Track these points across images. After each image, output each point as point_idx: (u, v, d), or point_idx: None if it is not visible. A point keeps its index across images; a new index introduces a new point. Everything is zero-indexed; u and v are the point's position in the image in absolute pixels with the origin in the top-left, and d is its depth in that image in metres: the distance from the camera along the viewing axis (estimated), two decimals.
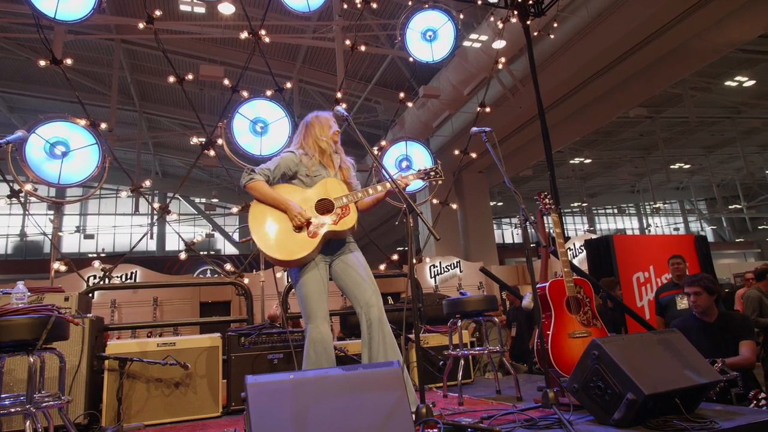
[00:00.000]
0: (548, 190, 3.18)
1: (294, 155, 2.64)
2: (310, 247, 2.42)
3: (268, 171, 2.56)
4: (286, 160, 2.62)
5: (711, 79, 12.31)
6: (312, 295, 2.46)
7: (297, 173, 2.62)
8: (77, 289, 3.37)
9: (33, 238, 19.02)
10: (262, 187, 2.50)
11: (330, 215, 2.50)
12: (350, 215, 2.52)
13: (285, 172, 2.61)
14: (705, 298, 3.16)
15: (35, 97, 13.17)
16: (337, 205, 2.52)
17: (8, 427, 2.62)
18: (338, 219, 2.50)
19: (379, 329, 2.46)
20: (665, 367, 2.16)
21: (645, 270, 5.82)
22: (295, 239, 2.44)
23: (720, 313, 3.21)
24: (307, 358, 2.46)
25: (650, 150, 17.51)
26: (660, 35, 8.11)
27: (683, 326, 3.13)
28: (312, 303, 2.46)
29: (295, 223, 2.45)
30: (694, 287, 3.19)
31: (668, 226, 26.77)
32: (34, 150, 3.80)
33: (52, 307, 2.23)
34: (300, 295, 2.49)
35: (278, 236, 2.44)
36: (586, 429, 2.08)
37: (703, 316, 3.19)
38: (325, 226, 2.47)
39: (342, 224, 2.49)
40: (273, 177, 2.57)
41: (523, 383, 3.49)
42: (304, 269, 2.48)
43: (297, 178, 2.63)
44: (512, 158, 12.59)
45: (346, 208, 2.53)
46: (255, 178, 2.51)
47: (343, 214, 2.51)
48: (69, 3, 4.06)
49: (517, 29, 6.83)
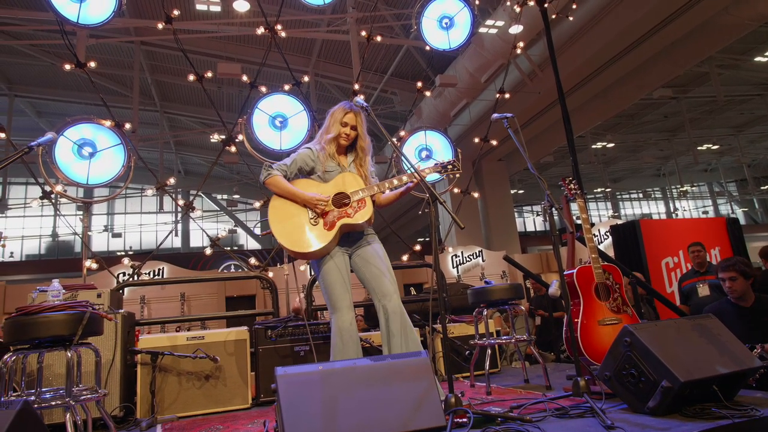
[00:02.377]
0: (571, 176, 3.11)
1: (311, 151, 2.68)
2: (326, 239, 2.48)
3: (285, 167, 2.62)
4: (302, 155, 2.67)
5: (739, 56, 11.86)
6: (335, 285, 2.50)
7: (314, 169, 2.67)
8: (108, 286, 3.46)
9: (64, 237, 19.59)
10: (279, 181, 2.56)
11: (346, 208, 2.54)
12: (366, 208, 2.56)
13: (302, 167, 2.66)
14: (741, 283, 3.07)
15: (61, 101, 13.52)
16: (354, 198, 2.56)
17: (49, 420, 2.71)
18: (354, 212, 2.54)
19: (398, 322, 2.45)
20: (701, 353, 2.10)
21: (674, 255, 5.68)
22: (312, 232, 2.49)
23: (756, 297, 3.11)
24: (335, 347, 2.49)
25: (676, 132, 17.03)
26: (684, 11, 7.83)
27: (718, 311, 3.04)
28: (336, 293, 2.49)
29: (318, 210, 2.51)
30: (729, 272, 3.08)
31: (696, 209, 26.06)
32: (63, 152, 3.89)
33: (86, 304, 2.29)
34: (324, 286, 2.54)
35: (296, 229, 2.50)
36: (620, 417, 2.04)
37: (739, 301, 3.10)
38: (342, 219, 2.51)
39: (358, 217, 2.53)
40: (290, 172, 2.63)
41: (552, 372, 3.45)
42: (325, 260, 2.53)
43: (315, 173, 2.67)
44: (533, 145, 12.40)
45: (362, 201, 2.56)
46: (272, 173, 2.58)
47: (359, 207, 2.55)
48: (90, 7, 4.13)
49: (534, 13, 6.68)
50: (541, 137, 12.28)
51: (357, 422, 1.78)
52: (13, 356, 2.15)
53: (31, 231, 19.56)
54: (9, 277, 15.50)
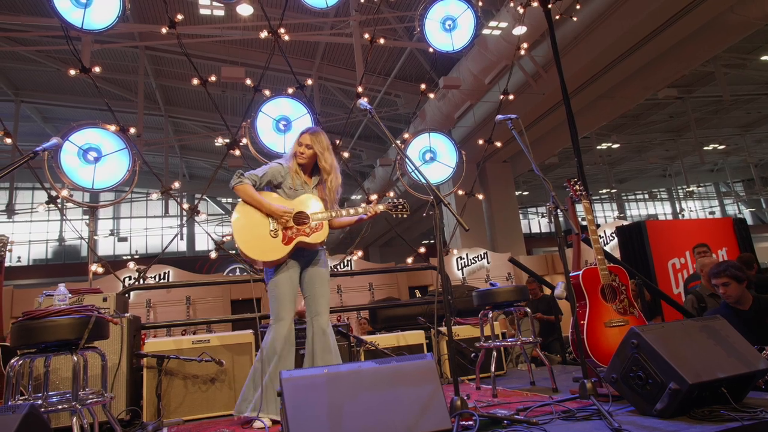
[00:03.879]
0: (576, 177, 3.09)
1: (281, 167, 2.84)
2: (281, 252, 2.66)
3: (256, 177, 2.77)
4: (273, 170, 2.82)
5: (745, 55, 11.78)
6: (284, 297, 2.69)
7: (282, 184, 2.82)
8: (114, 290, 3.47)
9: (71, 242, 19.71)
10: (248, 189, 2.71)
11: (304, 227, 2.73)
12: (322, 230, 2.76)
13: (271, 180, 2.81)
14: (735, 287, 3.04)
15: (67, 107, 13.61)
16: (312, 219, 2.75)
17: (56, 423, 2.72)
18: (311, 232, 2.74)
19: (320, 342, 2.72)
20: (710, 355, 2.08)
21: (681, 256, 5.63)
22: (269, 243, 2.66)
23: (754, 298, 3.08)
24: (272, 353, 2.61)
25: (681, 132, 16.92)
26: (690, 11, 7.79)
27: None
28: (283, 303, 2.68)
29: (282, 222, 2.69)
30: (721, 278, 3.06)
31: (703, 209, 25.88)
32: (69, 157, 3.92)
33: (92, 308, 2.30)
34: (272, 294, 2.71)
35: (256, 237, 2.66)
36: (627, 420, 2.02)
37: (737, 305, 3.07)
38: (299, 237, 2.70)
39: (314, 238, 2.74)
40: (260, 183, 2.77)
41: (558, 374, 3.43)
42: (279, 271, 2.71)
43: (281, 189, 2.82)
44: (537, 146, 12.34)
45: (320, 224, 2.76)
46: (243, 181, 2.71)
47: (316, 229, 2.75)
48: (94, 13, 4.16)
49: (538, 14, 6.67)
50: (545, 138, 12.24)
51: (362, 426, 1.77)
52: (20, 360, 2.16)
53: (38, 236, 19.70)
54: (17, 281, 15.60)
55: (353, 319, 7.61)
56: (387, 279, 9.76)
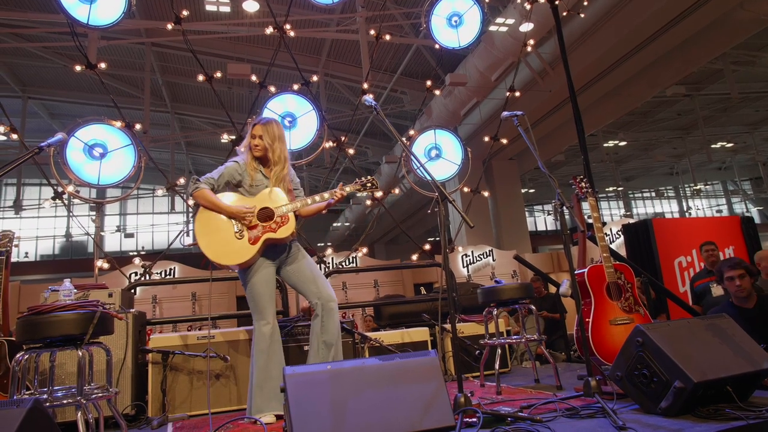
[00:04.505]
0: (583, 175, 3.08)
1: (238, 165, 2.77)
2: (250, 252, 2.60)
3: (213, 180, 2.71)
4: (229, 169, 2.75)
5: (755, 52, 11.65)
6: (263, 296, 2.64)
7: (241, 182, 2.75)
8: (120, 286, 3.49)
9: (77, 238, 19.85)
10: (206, 194, 2.63)
11: (270, 223, 2.65)
12: (289, 223, 2.67)
13: (229, 180, 2.75)
14: (748, 281, 3.04)
15: (74, 103, 13.69)
16: (278, 213, 2.68)
17: (61, 418, 2.75)
18: (278, 227, 2.65)
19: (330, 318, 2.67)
20: (715, 353, 2.06)
21: (687, 254, 5.59)
22: (236, 245, 2.60)
23: (758, 296, 3.06)
24: (260, 352, 2.60)
25: (689, 129, 16.78)
26: (698, 7, 7.71)
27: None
28: (263, 303, 2.64)
29: (245, 222, 2.62)
30: (738, 270, 3.03)
31: (710, 208, 25.68)
32: (74, 153, 3.94)
33: (97, 303, 2.31)
34: (251, 296, 2.66)
35: (221, 242, 2.61)
36: (631, 418, 2.01)
37: (743, 302, 3.04)
38: (266, 234, 2.62)
39: (281, 232, 2.65)
40: (217, 185, 2.71)
41: (562, 372, 3.42)
42: (252, 271, 2.65)
43: (242, 187, 2.75)
44: (544, 143, 12.29)
45: (285, 217, 2.68)
46: (200, 186, 2.64)
47: (282, 223, 2.66)
48: (100, 9, 4.17)
49: (545, 10, 6.63)
50: (552, 136, 12.18)
51: (365, 422, 1.77)
52: (26, 355, 2.18)
53: (45, 231, 19.85)
54: (24, 277, 15.73)
55: (358, 316, 7.62)
56: (392, 276, 9.77)
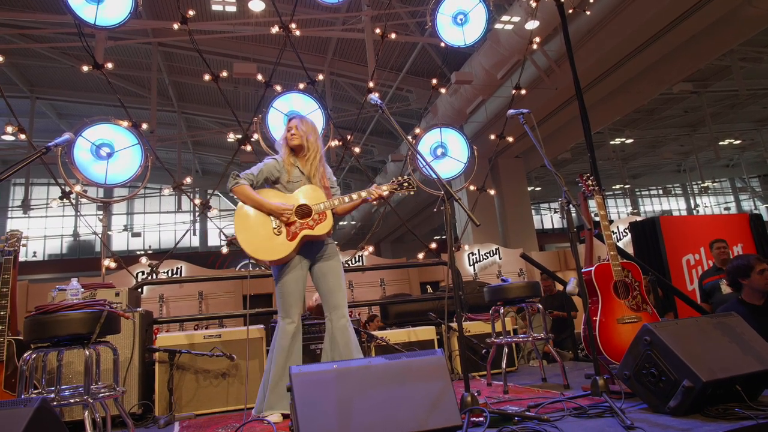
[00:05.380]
0: (590, 173, 3.06)
1: (276, 162, 2.81)
2: (287, 249, 2.62)
3: (252, 176, 2.75)
4: (268, 166, 2.79)
5: (762, 48, 11.53)
6: (292, 293, 2.67)
7: (279, 179, 2.79)
8: (127, 285, 3.51)
9: (85, 237, 19.99)
10: (246, 190, 2.69)
11: (308, 220, 2.68)
12: (327, 220, 2.70)
13: (268, 176, 2.79)
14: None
15: (81, 103, 13.78)
16: (315, 211, 2.70)
17: (69, 417, 2.76)
18: (315, 224, 2.68)
19: (342, 335, 2.68)
20: (724, 352, 2.04)
21: (695, 252, 5.55)
22: (274, 241, 2.63)
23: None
24: (281, 349, 2.61)
25: (696, 127, 16.65)
26: (706, 3, 7.63)
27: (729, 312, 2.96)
28: (290, 301, 2.67)
29: (283, 219, 2.65)
30: (763, 264, 3.00)
31: (718, 205, 25.48)
32: (82, 152, 3.96)
33: (104, 302, 2.32)
34: (280, 292, 2.69)
35: (260, 237, 2.63)
36: (640, 417, 2.00)
37: (753, 300, 3.01)
38: (304, 230, 2.66)
39: (319, 229, 2.68)
40: (256, 181, 2.75)
41: (570, 371, 3.40)
42: (285, 269, 2.68)
43: (280, 183, 2.79)
44: (550, 141, 12.24)
45: (323, 214, 2.70)
46: (239, 182, 2.69)
47: (320, 220, 2.69)
48: (107, 9, 4.18)
49: (550, 8, 6.59)
50: (558, 134, 12.13)
51: (371, 421, 1.77)
52: (33, 354, 2.19)
53: (53, 231, 20.02)
54: (32, 276, 15.86)
55: (364, 315, 7.62)
56: (398, 274, 9.76)
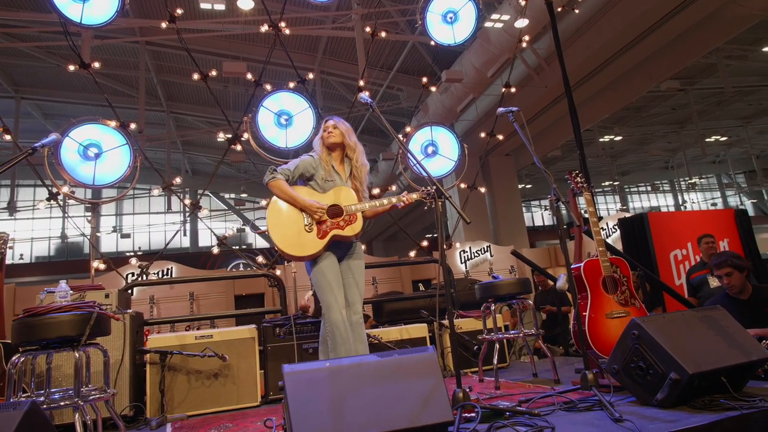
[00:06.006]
0: (579, 170, 3.09)
1: (313, 159, 2.84)
2: (317, 246, 2.66)
3: (288, 171, 2.77)
4: (305, 162, 2.81)
5: (747, 46, 11.69)
6: (330, 283, 2.68)
7: (314, 176, 2.81)
8: (117, 287, 3.48)
9: (73, 239, 19.77)
10: (282, 185, 2.71)
11: (338, 220, 2.71)
12: (357, 222, 2.74)
13: (303, 173, 2.80)
14: (737, 277, 3.07)
15: (68, 103, 13.61)
16: (347, 212, 2.73)
17: (59, 420, 2.74)
18: (345, 225, 2.72)
19: (353, 331, 2.71)
20: (710, 345, 2.08)
21: (683, 247, 5.62)
22: (305, 238, 2.66)
23: (753, 288, 3.09)
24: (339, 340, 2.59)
25: (684, 124, 16.85)
26: (692, 2, 7.73)
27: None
28: (330, 291, 2.67)
29: (315, 217, 2.67)
30: (724, 269, 3.08)
31: (705, 201, 25.81)
32: (69, 153, 3.92)
33: (93, 304, 2.31)
34: (317, 286, 2.70)
35: (291, 233, 2.66)
36: (628, 410, 2.03)
37: (739, 295, 3.07)
38: (334, 230, 2.69)
39: (349, 230, 2.72)
40: (292, 177, 2.77)
41: (560, 366, 3.44)
42: (317, 262, 2.69)
43: (314, 181, 2.81)
44: (540, 139, 12.30)
45: (354, 216, 2.74)
46: (276, 177, 2.72)
47: (350, 221, 2.73)
48: (93, 8, 4.14)
49: (539, 6, 6.62)
50: (548, 131, 12.20)
51: (365, 419, 1.78)
52: (22, 357, 2.17)
53: (40, 233, 19.75)
54: (19, 279, 15.67)
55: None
56: (390, 273, 9.77)
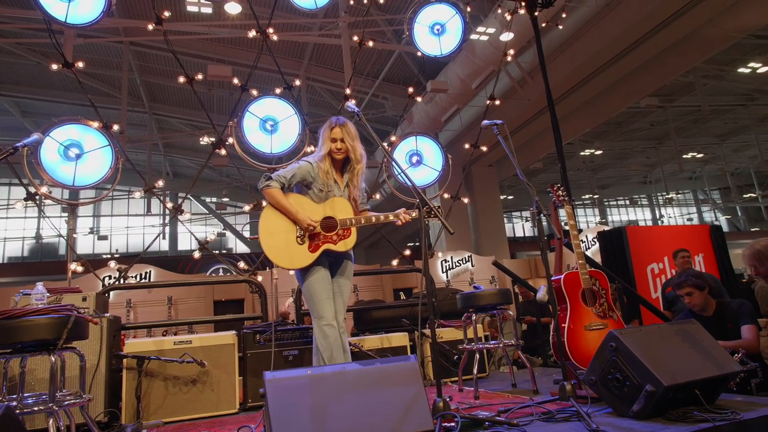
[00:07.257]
0: (560, 183, 3.15)
1: (311, 166, 2.74)
2: (308, 260, 2.61)
3: (285, 179, 2.69)
4: (303, 169, 2.72)
5: (723, 66, 12.10)
6: (320, 294, 2.62)
7: (312, 184, 2.72)
8: (94, 290, 3.42)
9: (48, 240, 19.28)
10: (275, 194, 2.64)
11: (332, 234, 2.65)
12: (350, 237, 2.68)
13: (300, 180, 2.73)
14: (698, 296, 3.16)
15: (47, 101, 13.34)
16: (341, 226, 2.67)
17: (31, 426, 2.67)
18: (338, 239, 2.65)
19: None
20: (684, 357, 2.13)
21: (659, 261, 5.75)
22: (296, 249, 2.60)
23: (717, 304, 3.18)
24: (323, 349, 2.56)
25: (662, 140, 17.28)
26: (671, 22, 7.98)
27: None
28: (320, 301, 2.62)
29: (307, 232, 2.61)
30: (684, 288, 3.18)
31: (681, 216, 26.43)
32: (49, 153, 3.85)
33: (71, 307, 2.26)
34: (308, 295, 2.65)
35: (283, 244, 2.60)
36: (605, 421, 2.06)
37: (702, 312, 3.16)
38: (326, 244, 2.64)
39: (341, 245, 2.66)
40: (288, 184, 2.70)
41: (539, 376, 3.47)
42: (310, 271, 2.64)
43: (311, 189, 2.72)
44: (522, 151, 12.49)
45: (348, 230, 2.68)
46: (271, 185, 2.66)
47: (344, 236, 2.67)
48: (79, 7, 4.09)
49: (524, 21, 6.75)
50: (530, 144, 12.39)
51: (345, 427, 1.78)
52: None
53: (14, 233, 19.21)
54: None
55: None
56: (372, 281, 9.76)
